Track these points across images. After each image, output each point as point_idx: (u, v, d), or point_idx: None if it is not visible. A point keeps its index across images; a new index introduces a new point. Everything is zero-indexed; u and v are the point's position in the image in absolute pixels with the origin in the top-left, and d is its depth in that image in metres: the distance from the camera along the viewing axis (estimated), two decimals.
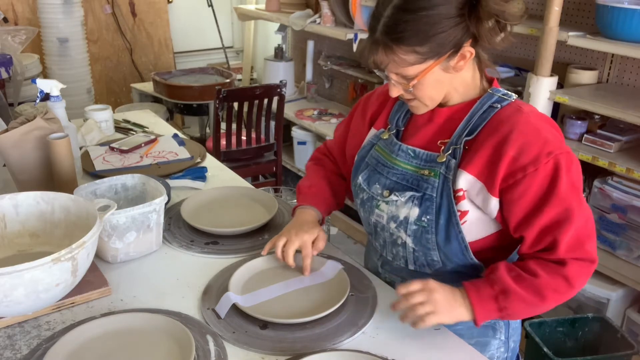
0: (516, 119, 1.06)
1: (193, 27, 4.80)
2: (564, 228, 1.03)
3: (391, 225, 1.18)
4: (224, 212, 1.58)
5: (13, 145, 1.51)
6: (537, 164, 1.02)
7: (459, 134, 1.11)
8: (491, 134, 1.07)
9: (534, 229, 1.05)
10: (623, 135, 2.17)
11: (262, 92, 3.02)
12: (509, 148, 1.04)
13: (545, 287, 1.04)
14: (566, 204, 1.03)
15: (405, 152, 1.18)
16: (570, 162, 1.04)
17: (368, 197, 1.23)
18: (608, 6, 2.06)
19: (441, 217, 1.10)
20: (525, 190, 1.04)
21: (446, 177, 1.10)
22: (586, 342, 2.01)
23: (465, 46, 1.05)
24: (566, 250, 1.04)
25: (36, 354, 1.04)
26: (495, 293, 1.05)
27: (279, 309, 1.17)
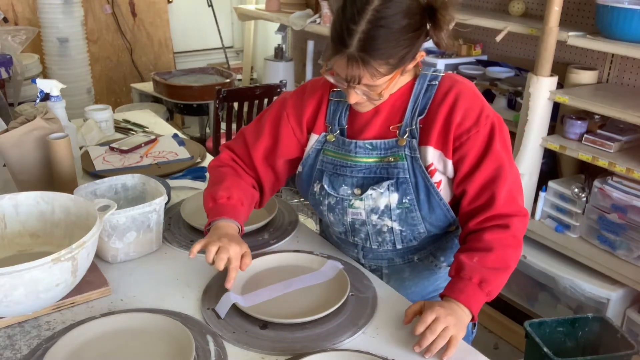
0: (458, 88, 1.18)
1: (193, 27, 4.79)
2: (498, 183, 1.15)
3: (373, 217, 1.23)
4: None
5: (13, 145, 1.51)
6: (478, 126, 1.15)
7: (410, 116, 1.20)
8: (439, 106, 1.18)
9: (474, 184, 1.16)
10: (623, 135, 2.17)
11: (262, 92, 3.02)
12: (456, 114, 1.15)
13: (505, 254, 1.14)
14: (500, 162, 1.15)
15: (362, 148, 1.23)
16: (502, 125, 1.18)
17: (337, 200, 1.25)
18: (608, 6, 2.06)
19: (420, 193, 1.19)
20: (469, 149, 1.16)
21: (413, 157, 1.19)
22: (586, 342, 2.01)
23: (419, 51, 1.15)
24: (503, 205, 1.15)
25: (36, 354, 1.04)
26: (477, 284, 1.12)
27: (279, 309, 1.17)
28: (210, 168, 1.38)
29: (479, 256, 1.13)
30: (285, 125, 1.31)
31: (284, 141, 1.31)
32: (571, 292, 2.26)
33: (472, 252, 1.15)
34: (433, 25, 1.12)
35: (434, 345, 1.05)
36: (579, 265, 2.26)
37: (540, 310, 2.42)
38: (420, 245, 1.31)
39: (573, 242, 2.30)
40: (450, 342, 1.06)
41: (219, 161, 1.37)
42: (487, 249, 1.13)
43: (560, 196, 2.36)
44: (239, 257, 1.18)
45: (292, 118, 1.31)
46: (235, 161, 1.37)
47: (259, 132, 1.34)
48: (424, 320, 1.06)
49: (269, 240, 1.46)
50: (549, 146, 2.26)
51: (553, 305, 2.37)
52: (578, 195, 2.27)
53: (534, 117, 2.25)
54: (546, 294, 2.39)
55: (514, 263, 1.16)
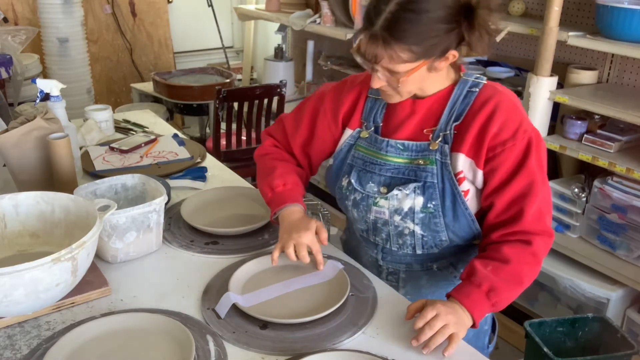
0: (497, 98, 1.16)
1: (193, 27, 4.79)
2: (529, 199, 1.13)
3: (395, 218, 1.22)
4: (224, 212, 1.58)
5: (13, 145, 1.51)
6: (514, 139, 1.13)
7: (446, 121, 1.19)
8: (476, 114, 1.16)
9: (504, 198, 1.15)
10: (623, 135, 2.17)
11: (262, 92, 3.02)
12: (492, 125, 1.13)
13: (521, 269, 1.13)
14: (532, 178, 1.13)
15: (394, 147, 1.22)
16: (539, 141, 1.16)
17: (362, 196, 1.25)
18: (608, 6, 2.06)
19: (446, 199, 1.17)
20: (502, 162, 1.14)
21: (443, 163, 1.18)
22: (586, 342, 2.01)
23: (451, 50, 1.12)
24: (530, 222, 1.13)
25: (36, 354, 1.04)
26: (485, 292, 1.11)
27: (279, 309, 1.17)
28: (257, 157, 1.44)
29: (493, 266, 1.12)
30: (322, 120, 1.33)
31: (319, 135, 1.34)
32: (571, 292, 2.26)
33: (487, 260, 1.14)
34: (468, 25, 1.09)
35: (432, 341, 1.06)
36: (579, 265, 2.26)
37: (540, 310, 2.42)
38: (440, 254, 1.28)
39: (573, 242, 2.30)
40: (451, 340, 1.06)
41: (264, 149, 1.43)
42: (503, 260, 1.12)
43: (560, 196, 2.36)
44: (315, 241, 1.23)
45: (328, 113, 1.33)
46: (278, 147, 1.43)
47: (297, 123, 1.38)
48: (424, 316, 1.07)
49: (269, 240, 1.46)
50: (549, 146, 2.26)
51: (553, 305, 2.37)
52: (578, 195, 2.27)
53: (534, 117, 2.25)
54: (546, 294, 2.39)
55: (528, 281, 1.14)
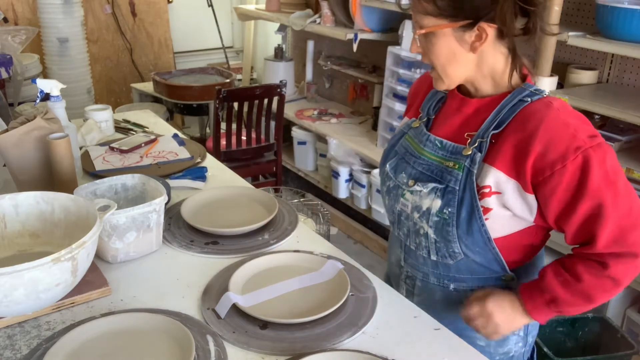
0: (544, 113, 1.03)
1: (193, 27, 4.80)
2: (599, 223, 1.01)
3: (415, 215, 1.17)
4: (224, 212, 1.58)
5: (13, 145, 1.51)
6: (564, 160, 1.00)
7: (486, 127, 1.09)
8: (518, 128, 1.05)
9: (572, 225, 1.04)
10: (623, 135, 2.17)
11: (262, 92, 3.02)
12: (536, 144, 1.01)
13: (592, 290, 1.06)
14: (599, 199, 1.00)
15: (432, 143, 1.17)
16: (603, 153, 1.01)
17: (394, 185, 1.23)
18: (608, 6, 2.06)
19: (463, 210, 1.09)
20: (555, 186, 1.02)
21: (470, 171, 1.09)
22: (586, 342, 2.01)
23: (483, 23, 1.03)
24: (605, 245, 1.03)
25: (36, 354, 1.04)
26: (547, 301, 1.10)
27: (279, 309, 1.17)
28: None
29: (565, 278, 1.08)
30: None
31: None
32: None
33: (562, 270, 1.09)
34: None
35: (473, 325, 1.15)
36: None
37: None
38: (459, 275, 1.20)
39: None
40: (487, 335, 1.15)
41: None
42: (576, 277, 1.07)
43: None
44: None
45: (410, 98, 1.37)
46: None
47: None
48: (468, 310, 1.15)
49: (269, 240, 1.46)
50: None
51: None
52: None
53: None
54: None
55: (601, 301, 1.09)
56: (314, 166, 3.86)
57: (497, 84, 1.12)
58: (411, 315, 1.19)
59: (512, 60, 1.10)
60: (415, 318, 1.18)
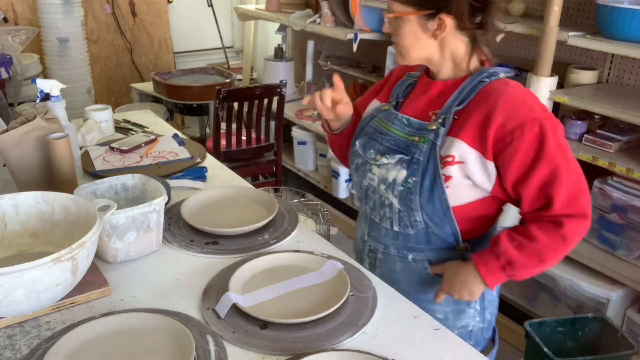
0: (503, 90, 1.17)
1: (193, 27, 4.80)
2: (555, 186, 1.13)
3: (381, 187, 1.29)
4: (224, 212, 1.58)
5: (13, 145, 1.51)
6: (523, 128, 1.12)
7: (449, 105, 1.22)
8: (479, 103, 1.18)
9: (529, 189, 1.15)
10: (623, 135, 2.17)
11: (262, 92, 3.02)
12: (497, 115, 1.14)
13: (545, 250, 1.16)
14: (554, 164, 1.12)
15: (400, 121, 1.29)
16: (555, 124, 1.14)
17: (362, 162, 1.33)
18: (608, 6, 2.06)
19: (426, 179, 1.21)
20: (513, 152, 1.13)
21: (434, 143, 1.21)
22: (586, 342, 2.01)
23: (443, 15, 1.17)
24: (561, 207, 1.14)
25: (36, 354, 1.04)
26: (502, 265, 1.19)
27: (279, 309, 1.17)
28: None
29: (519, 241, 1.18)
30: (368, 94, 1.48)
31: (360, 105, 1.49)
32: (571, 292, 2.26)
33: (516, 234, 1.19)
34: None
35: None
36: (579, 265, 2.26)
37: (540, 310, 2.42)
38: (417, 245, 1.31)
39: None
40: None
41: None
42: (530, 238, 1.17)
43: None
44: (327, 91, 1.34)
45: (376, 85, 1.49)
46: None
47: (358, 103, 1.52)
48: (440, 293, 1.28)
49: (269, 240, 1.46)
50: None
51: (553, 305, 2.37)
52: None
53: None
54: (546, 294, 2.39)
55: (552, 262, 1.18)
56: (314, 166, 3.86)
57: (457, 67, 1.25)
58: (411, 315, 1.19)
59: (472, 49, 1.23)
60: (415, 318, 1.18)
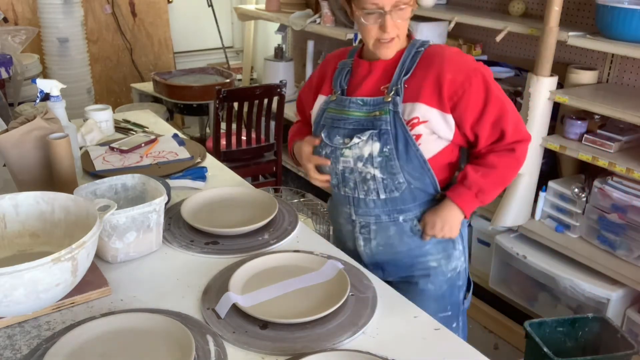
0: (442, 52, 1.37)
1: (193, 27, 4.80)
2: (505, 119, 1.35)
3: (358, 165, 1.40)
4: (224, 212, 1.58)
5: (13, 145, 1.51)
6: (470, 79, 1.33)
7: (397, 76, 1.37)
8: (425, 68, 1.36)
9: (486, 126, 1.36)
10: (623, 135, 2.17)
11: (262, 92, 3.02)
12: (446, 73, 1.33)
13: (505, 171, 1.40)
14: (500, 102, 1.35)
15: (355, 103, 1.41)
16: (488, 71, 1.37)
17: (331, 150, 1.43)
18: (608, 6, 2.06)
19: (399, 143, 1.35)
20: (468, 100, 1.33)
21: (395, 112, 1.35)
22: (586, 342, 2.01)
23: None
24: (511, 135, 1.37)
25: (36, 354, 1.04)
26: (474, 193, 1.40)
27: (279, 309, 1.17)
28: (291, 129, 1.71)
29: (482, 171, 1.39)
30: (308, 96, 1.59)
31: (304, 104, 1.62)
32: (571, 292, 2.26)
33: (478, 166, 1.40)
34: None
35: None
36: (579, 265, 2.26)
37: (540, 310, 2.42)
38: (405, 206, 1.44)
39: (573, 242, 2.31)
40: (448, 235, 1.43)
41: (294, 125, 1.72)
42: (491, 166, 1.39)
43: (560, 196, 2.36)
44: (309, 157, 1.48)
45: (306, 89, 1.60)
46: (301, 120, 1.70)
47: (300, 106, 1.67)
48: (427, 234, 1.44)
49: (269, 240, 1.46)
50: (549, 146, 2.26)
51: (553, 305, 2.37)
52: (578, 195, 2.27)
53: (534, 117, 2.25)
54: (546, 294, 2.39)
55: (510, 180, 1.44)
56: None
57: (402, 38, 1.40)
58: (411, 315, 1.19)
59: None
60: (415, 318, 1.18)
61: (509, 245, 2.46)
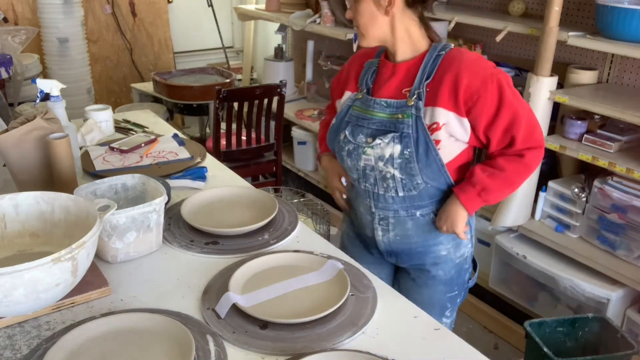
0: (461, 57, 1.38)
1: (193, 27, 4.80)
2: (516, 127, 1.37)
3: (379, 164, 1.43)
4: (224, 212, 1.58)
5: (13, 145, 1.51)
6: (485, 85, 1.34)
7: (419, 81, 1.40)
8: (444, 73, 1.38)
9: (497, 132, 1.38)
10: (623, 135, 2.17)
11: (262, 92, 3.02)
12: (463, 78, 1.34)
13: (512, 177, 1.42)
14: (513, 110, 1.36)
15: (379, 104, 1.45)
16: (507, 77, 1.38)
17: (354, 147, 1.47)
18: (608, 6, 2.06)
19: (420, 147, 1.39)
20: (483, 105, 1.36)
21: (418, 116, 1.38)
22: (586, 342, 2.01)
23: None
24: (521, 143, 1.39)
25: (36, 354, 1.04)
26: (478, 191, 1.42)
27: (279, 309, 1.17)
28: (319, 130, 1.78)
29: (490, 172, 1.42)
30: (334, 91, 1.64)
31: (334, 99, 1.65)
32: (571, 292, 2.26)
33: (487, 167, 1.43)
34: None
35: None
36: (579, 265, 2.26)
37: (540, 310, 2.42)
38: (422, 202, 1.48)
39: (573, 242, 2.31)
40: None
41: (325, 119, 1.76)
42: (499, 169, 1.41)
43: (560, 196, 2.36)
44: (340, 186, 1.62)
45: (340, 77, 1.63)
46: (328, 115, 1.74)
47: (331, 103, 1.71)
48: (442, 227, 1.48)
49: (269, 240, 1.46)
50: (549, 146, 2.26)
51: (553, 305, 2.37)
52: (578, 195, 2.27)
53: None
54: (546, 294, 2.39)
55: (518, 185, 1.46)
56: (314, 166, 3.86)
57: (414, 47, 1.43)
58: (411, 315, 1.19)
59: (425, 27, 1.43)
60: (415, 318, 1.18)
61: (509, 245, 2.47)
